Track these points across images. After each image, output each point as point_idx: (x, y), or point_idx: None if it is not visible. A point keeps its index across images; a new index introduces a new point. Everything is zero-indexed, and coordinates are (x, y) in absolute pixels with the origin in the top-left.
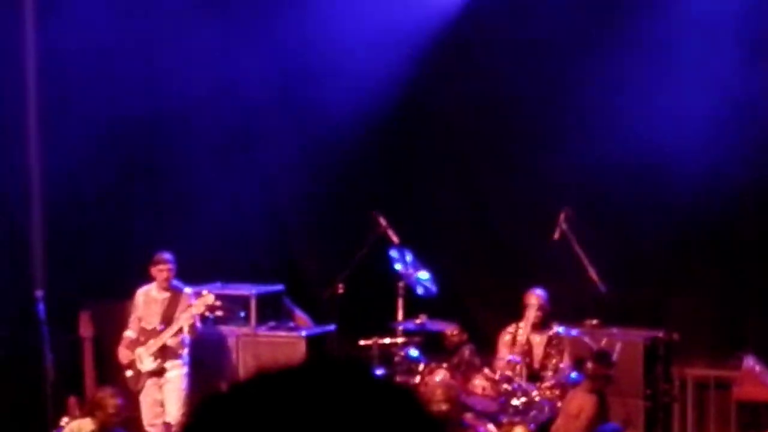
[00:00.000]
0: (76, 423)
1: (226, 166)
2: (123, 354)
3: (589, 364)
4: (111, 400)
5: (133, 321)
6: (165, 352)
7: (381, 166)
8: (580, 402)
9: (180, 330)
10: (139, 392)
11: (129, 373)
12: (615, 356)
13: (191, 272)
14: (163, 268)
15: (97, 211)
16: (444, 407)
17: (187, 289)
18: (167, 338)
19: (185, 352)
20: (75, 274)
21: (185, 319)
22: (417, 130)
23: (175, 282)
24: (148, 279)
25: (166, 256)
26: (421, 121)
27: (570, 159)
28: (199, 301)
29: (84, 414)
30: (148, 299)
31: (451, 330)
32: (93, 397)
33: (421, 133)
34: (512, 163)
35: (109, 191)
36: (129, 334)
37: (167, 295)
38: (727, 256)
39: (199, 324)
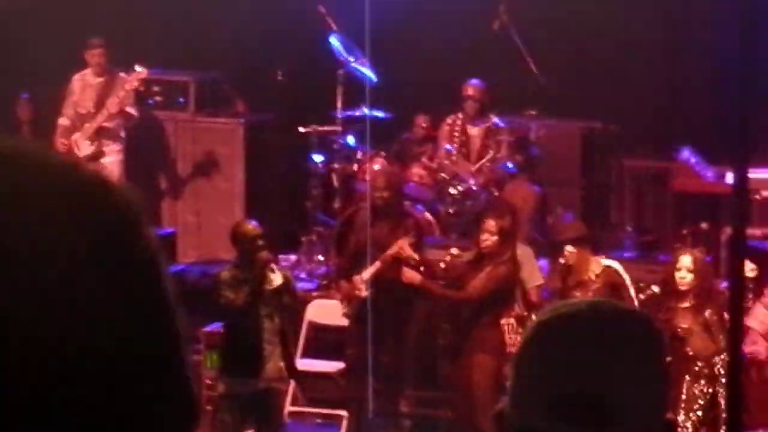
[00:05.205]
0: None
1: None
2: (58, 143)
3: (516, 156)
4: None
5: (67, 107)
6: (102, 135)
7: None
8: (522, 193)
9: (116, 111)
10: None
11: None
12: (533, 135)
13: (130, 57)
14: (95, 52)
15: None
16: (386, 194)
17: (123, 74)
18: (102, 120)
19: (123, 135)
20: (14, 59)
21: (121, 97)
22: None
23: (110, 67)
24: (85, 65)
25: (99, 40)
26: None
27: None
28: (133, 76)
29: None
30: (84, 84)
31: (422, 120)
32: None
33: None
34: None
35: None
36: (63, 121)
37: (102, 79)
38: (669, 50)
39: (133, 108)
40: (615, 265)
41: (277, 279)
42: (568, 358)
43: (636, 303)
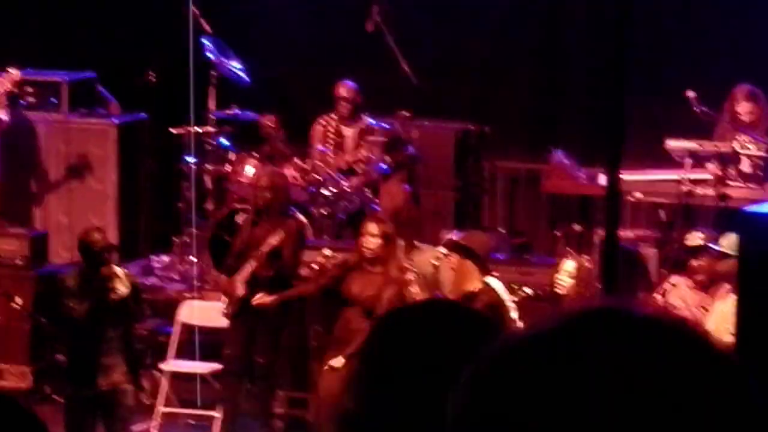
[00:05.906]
0: None
1: None
2: None
3: (387, 157)
4: None
5: None
6: None
7: None
8: (393, 193)
9: None
10: None
11: None
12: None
13: (2, 58)
14: None
15: None
16: (267, 195)
17: None
18: None
19: None
20: None
21: None
22: None
23: None
24: None
25: None
26: None
27: None
28: (6, 78)
29: None
30: None
31: (268, 120)
32: None
33: None
34: None
35: None
36: None
37: None
38: (542, 51)
39: (4, 111)
40: (495, 284)
41: (122, 288)
42: (401, 355)
43: (516, 322)
